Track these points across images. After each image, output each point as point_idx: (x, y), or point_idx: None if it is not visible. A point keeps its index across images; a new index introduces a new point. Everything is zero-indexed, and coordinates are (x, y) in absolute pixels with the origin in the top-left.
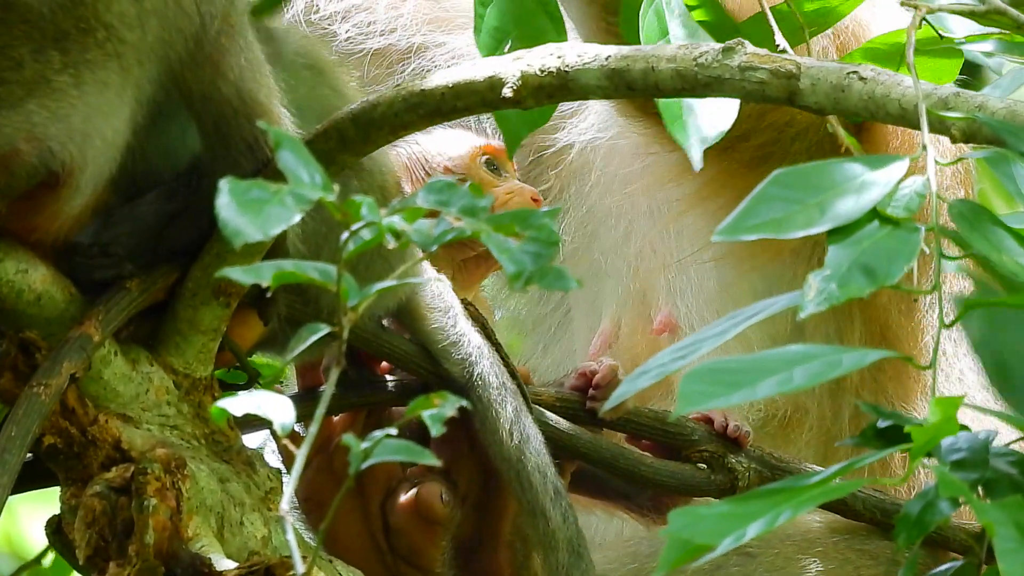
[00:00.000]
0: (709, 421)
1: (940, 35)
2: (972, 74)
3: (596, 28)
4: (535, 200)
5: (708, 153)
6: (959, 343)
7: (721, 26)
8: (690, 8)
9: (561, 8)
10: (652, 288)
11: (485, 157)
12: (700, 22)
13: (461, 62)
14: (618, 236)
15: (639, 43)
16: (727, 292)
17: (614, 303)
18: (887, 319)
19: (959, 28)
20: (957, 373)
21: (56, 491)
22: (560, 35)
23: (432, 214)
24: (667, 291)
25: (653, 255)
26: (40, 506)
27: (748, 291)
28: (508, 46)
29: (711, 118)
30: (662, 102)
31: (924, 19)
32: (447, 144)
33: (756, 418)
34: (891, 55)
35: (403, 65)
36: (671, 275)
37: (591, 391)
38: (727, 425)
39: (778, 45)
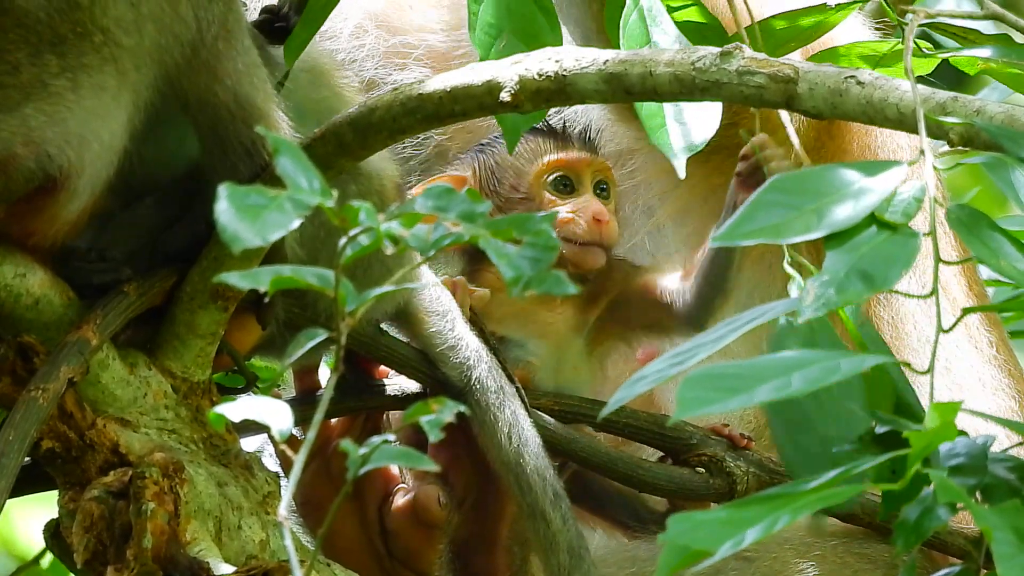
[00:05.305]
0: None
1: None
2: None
3: (596, 28)
4: (598, 220)
5: (692, 165)
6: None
7: (708, 30)
8: (672, 10)
9: (553, 1)
10: None
11: (554, 175)
12: (683, 23)
13: None
14: None
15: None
16: None
17: None
18: (866, 308)
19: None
20: (943, 363)
21: (54, 495)
22: (554, 29)
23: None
24: None
25: None
26: (38, 508)
27: (730, 305)
28: (503, 42)
29: (696, 125)
30: (644, 111)
31: (923, 27)
32: (520, 158)
33: (748, 430)
34: (874, 56)
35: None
36: None
37: None
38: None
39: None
